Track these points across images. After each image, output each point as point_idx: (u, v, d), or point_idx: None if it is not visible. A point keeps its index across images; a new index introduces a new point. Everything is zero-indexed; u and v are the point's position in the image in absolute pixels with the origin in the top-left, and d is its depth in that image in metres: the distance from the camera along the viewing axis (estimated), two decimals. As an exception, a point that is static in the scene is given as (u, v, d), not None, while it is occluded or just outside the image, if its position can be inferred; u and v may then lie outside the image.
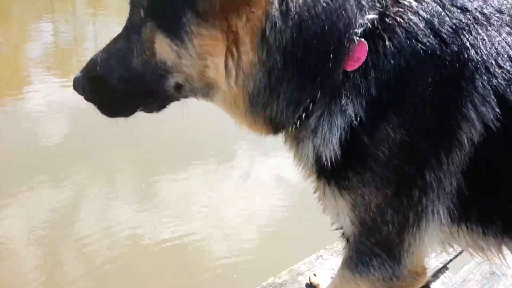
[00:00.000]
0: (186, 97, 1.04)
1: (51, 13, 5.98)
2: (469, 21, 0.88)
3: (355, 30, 0.88)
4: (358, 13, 0.88)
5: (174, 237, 2.85)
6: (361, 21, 0.88)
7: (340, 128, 0.92)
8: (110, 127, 3.93)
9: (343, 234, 1.12)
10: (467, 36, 0.87)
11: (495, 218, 0.98)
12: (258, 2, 0.84)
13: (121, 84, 0.99)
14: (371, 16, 0.88)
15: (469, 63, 0.86)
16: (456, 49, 0.86)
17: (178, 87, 0.98)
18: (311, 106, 0.95)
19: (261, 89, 0.92)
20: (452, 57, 0.86)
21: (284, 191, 3.30)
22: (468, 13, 0.89)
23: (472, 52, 0.86)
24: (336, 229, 1.12)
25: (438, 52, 0.86)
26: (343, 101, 0.91)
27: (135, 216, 2.91)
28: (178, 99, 1.06)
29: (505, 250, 1.05)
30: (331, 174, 0.99)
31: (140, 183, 3.16)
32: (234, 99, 0.96)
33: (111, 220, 2.82)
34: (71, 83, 1.02)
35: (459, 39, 0.86)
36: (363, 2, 0.89)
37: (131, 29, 0.97)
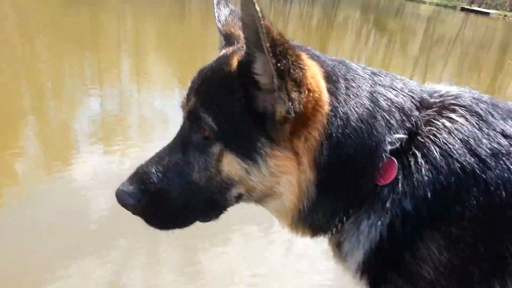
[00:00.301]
0: (242, 201, 1.15)
1: (98, 84, 6.37)
2: (510, 148, 0.89)
3: (385, 148, 0.96)
4: (387, 133, 0.96)
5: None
6: (389, 140, 0.96)
7: (368, 239, 1.00)
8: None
9: None
10: (509, 161, 0.87)
11: None
12: (316, 125, 0.96)
13: (182, 197, 1.07)
14: (400, 135, 0.96)
15: None
16: (498, 172, 0.86)
17: (239, 196, 1.11)
18: (347, 215, 1.04)
19: (309, 205, 1.02)
20: (496, 180, 0.86)
21: (331, 264, 3.17)
22: (508, 139, 0.89)
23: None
24: None
25: (478, 172, 0.87)
26: (372, 213, 0.99)
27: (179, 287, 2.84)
28: (233, 205, 1.17)
29: None
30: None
31: (183, 256, 3.13)
32: (287, 211, 1.07)
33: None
34: (115, 153, 1.03)
35: (501, 163, 0.87)
36: (392, 122, 0.96)
37: (189, 145, 1.06)
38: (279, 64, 0.88)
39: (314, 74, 0.98)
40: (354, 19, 22.69)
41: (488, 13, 43.23)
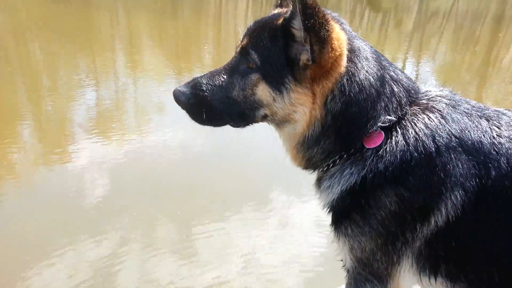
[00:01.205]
0: (265, 122, 1.44)
1: (93, 77, 6.43)
2: (457, 145, 1.22)
3: (378, 123, 1.27)
4: (383, 113, 1.27)
5: (215, 288, 2.84)
6: (383, 118, 1.27)
7: (346, 183, 1.31)
8: (147, 182, 4.10)
9: (344, 266, 1.49)
10: (453, 154, 1.21)
11: (461, 277, 1.28)
12: (331, 77, 1.25)
13: (222, 106, 1.39)
14: (391, 117, 1.27)
15: (451, 175, 1.20)
16: (445, 159, 1.21)
17: (265, 116, 1.39)
18: (337, 161, 1.34)
19: (313, 136, 1.32)
20: (442, 165, 1.20)
21: (325, 235, 3.26)
22: (456, 138, 1.23)
23: (454, 165, 1.20)
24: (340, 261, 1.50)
25: (433, 156, 1.21)
26: (354, 166, 1.30)
27: (174, 268, 2.97)
28: (258, 122, 1.45)
29: None
30: (338, 223, 1.38)
31: (179, 235, 3.25)
32: (296, 135, 1.36)
33: (151, 273, 2.91)
34: (111, 141, 1.21)
35: (449, 153, 1.21)
36: (390, 107, 1.28)
37: (236, 71, 1.38)
38: (306, 22, 1.16)
39: (339, 39, 1.25)
40: (346, 0, 22.51)
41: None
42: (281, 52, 1.28)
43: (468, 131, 1.25)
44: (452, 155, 1.21)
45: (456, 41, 13.66)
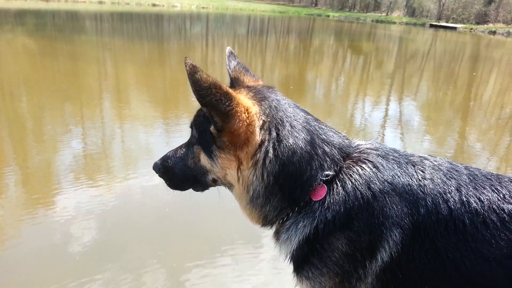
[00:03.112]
0: (218, 185, 1.65)
1: (80, 125, 6.42)
2: (390, 189, 1.40)
3: (318, 178, 1.44)
4: (319, 170, 1.45)
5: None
6: (322, 173, 1.45)
7: (301, 234, 1.47)
8: (136, 227, 4.00)
9: None
10: (388, 198, 1.39)
11: None
12: (251, 144, 1.44)
13: (181, 173, 1.66)
14: (329, 173, 1.45)
15: (389, 217, 1.36)
16: (381, 203, 1.38)
17: (214, 180, 1.62)
18: (290, 215, 1.50)
19: (259, 195, 1.49)
20: (379, 208, 1.37)
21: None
22: (388, 183, 1.41)
23: (390, 207, 1.37)
24: None
25: (371, 201, 1.38)
26: (306, 218, 1.46)
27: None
28: (214, 186, 1.67)
29: None
30: (300, 268, 1.52)
31: (169, 281, 3.12)
32: (240, 195, 1.55)
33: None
34: (99, 187, 1.22)
35: (384, 197, 1.38)
36: (324, 165, 1.46)
37: (190, 144, 1.65)
38: (201, 99, 1.37)
39: (246, 111, 1.43)
40: (329, 45, 23.39)
41: (455, 28, 44.96)
42: (207, 125, 1.49)
43: (398, 176, 1.43)
44: (387, 199, 1.38)
45: (437, 79, 14.13)
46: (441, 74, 15.48)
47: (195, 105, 1.45)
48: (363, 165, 1.45)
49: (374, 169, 1.44)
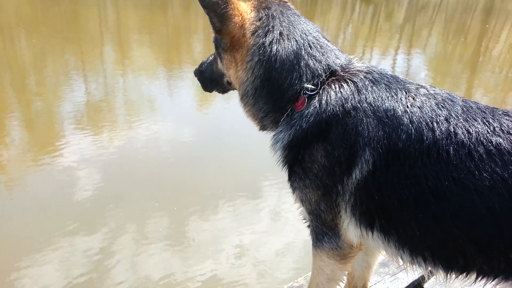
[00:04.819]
0: (234, 88, 1.79)
1: (82, 72, 6.34)
2: (369, 110, 1.42)
3: (300, 90, 1.51)
4: (298, 81, 1.52)
5: (208, 281, 2.81)
6: (302, 86, 1.52)
7: (283, 140, 1.54)
8: (139, 175, 4.03)
9: (305, 220, 1.66)
10: (360, 114, 1.42)
11: (392, 231, 1.41)
12: (243, 46, 1.57)
13: (209, 76, 1.90)
14: (309, 86, 1.51)
15: (362, 136, 1.39)
16: (351, 120, 1.41)
17: (228, 83, 1.79)
18: (278, 123, 1.58)
19: (249, 95, 1.62)
20: (350, 124, 1.41)
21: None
22: (369, 106, 1.43)
23: (364, 127, 1.39)
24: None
25: (341, 116, 1.43)
26: (287, 126, 1.53)
27: (167, 261, 2.93)
28: (230, 89, 1.86)
29: (402, 262, 1.47)
30: (289, 178, 1.57)
31: (171, 228, 3.19)
32: (238, 93, 1.68)
33: (143, 266, 2.85)
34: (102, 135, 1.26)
35: (356, 114, 1.42)
36: (304, 77, 1.52)
37: (214, 53, 1.82)
38: (202, 2, 1.51)
39: (241, 15, 1.55)
40: (338, -7, 22.47)
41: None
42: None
43: (382, 99, 1.44)
44: (363, 119, 1.41)
45: (447, 33, 13.69)
46: (452, 26, 14.98)
47: (198, 50, 1.46)
48: (344, 84, 1.49)
49: (353, 89, 1.47)
